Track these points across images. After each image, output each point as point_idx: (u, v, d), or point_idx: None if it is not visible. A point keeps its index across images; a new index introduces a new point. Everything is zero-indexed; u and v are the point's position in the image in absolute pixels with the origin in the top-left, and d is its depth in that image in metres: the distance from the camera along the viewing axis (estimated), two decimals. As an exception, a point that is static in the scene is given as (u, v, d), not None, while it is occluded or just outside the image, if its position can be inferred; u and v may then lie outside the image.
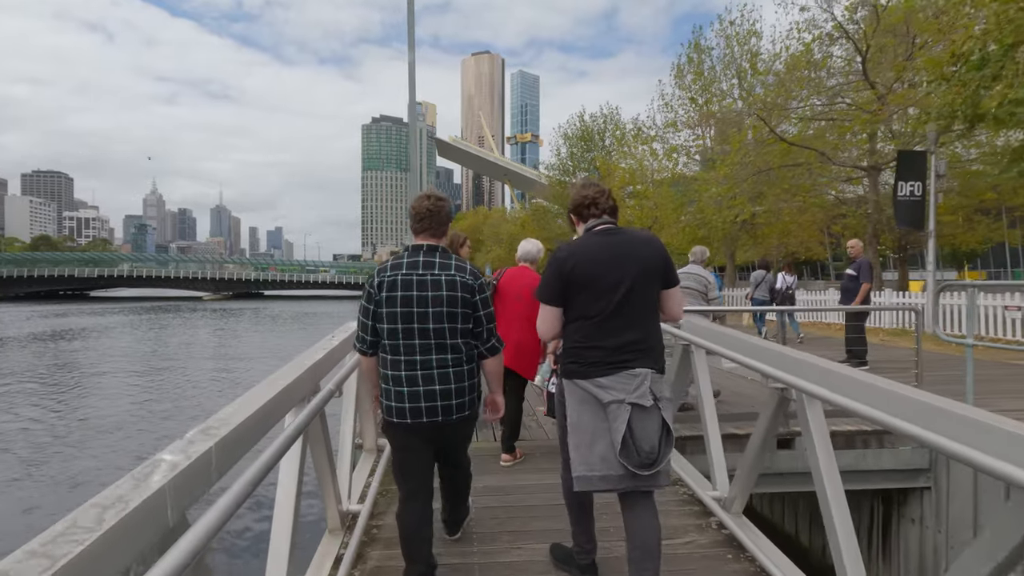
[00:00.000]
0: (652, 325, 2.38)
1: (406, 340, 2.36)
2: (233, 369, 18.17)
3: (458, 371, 2.41)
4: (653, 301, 2.38)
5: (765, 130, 16.30)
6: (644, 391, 2.22)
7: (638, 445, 2.17)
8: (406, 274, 2.39)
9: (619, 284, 2.27)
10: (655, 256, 2.36)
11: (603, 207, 2.44)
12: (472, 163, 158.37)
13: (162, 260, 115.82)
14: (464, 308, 2.41)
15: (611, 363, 2.26)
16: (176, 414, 12.32)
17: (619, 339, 2.28)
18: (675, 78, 25.40)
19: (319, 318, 43.88)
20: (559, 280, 2.33)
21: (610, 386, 2.23)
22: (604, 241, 2.36)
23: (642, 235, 2.46)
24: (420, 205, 2.51)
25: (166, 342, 26.71)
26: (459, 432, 2.56)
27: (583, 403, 2.29)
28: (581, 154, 39.63)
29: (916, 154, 11.91)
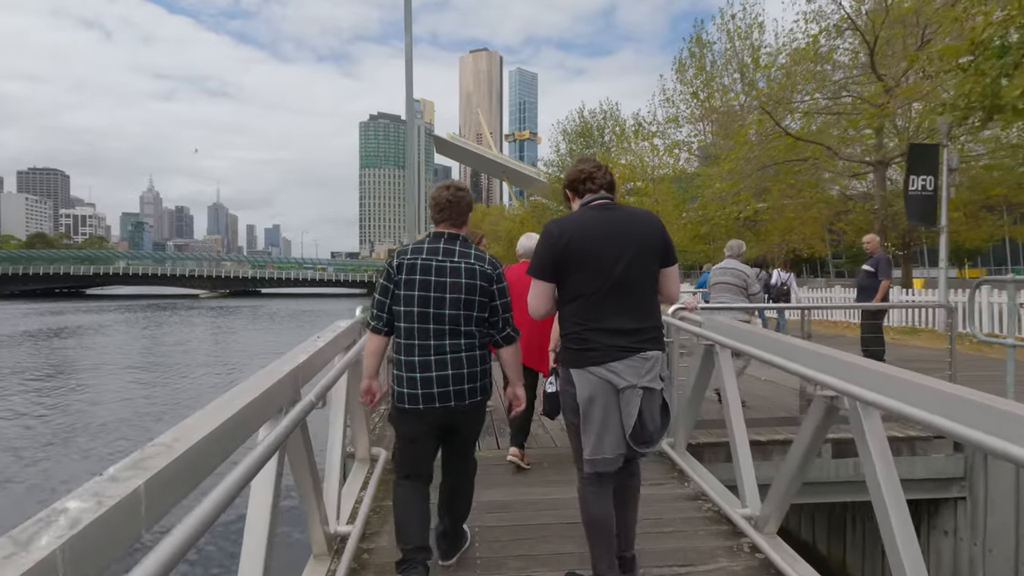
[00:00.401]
0: (653, 304, 2.35)
1: (421, 324, 2.35)
2: (226, 368, 17.83)
3: (471, 356, 2.40)
4: (652, 279, 2.33)
5: (769, 125, 15.96)
6: (655, 375, 2.23)
7: (645, 426, 2.23)
8: (426, 259, 2.38)
9: (617, 261, 2.21)
10: (654, 233, 2.30)
11: (600, 182, 2.36)
12: (470, 160, 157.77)
13: (159, 258, 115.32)
14: (481, 296, 2.40)
15: (621, 347, 2.20)
16: (166, 413, 11.98)
17: (621, 319, 2.22)
18: (676, 72, 25.08)
19: (316, 316, 43.47)
20: (550, 255, 2.25)
21: (623, 371, 2.19)
22: (600, 216, 2.29)
23: (640, 212, 2.40)
24: (440, 195, 2.48)
25: (161, 340, 26.35)
26: (470, 418, 2.51)
27: (595, 391, 2.22)
28: (580, 151, 39.25)
29: (928, 147, 11.58)
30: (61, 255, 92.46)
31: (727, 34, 21.96)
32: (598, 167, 2.41)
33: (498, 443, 4.68)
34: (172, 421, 1.41)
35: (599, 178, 2.37)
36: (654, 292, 2.36)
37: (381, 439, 4.49)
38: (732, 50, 21.94)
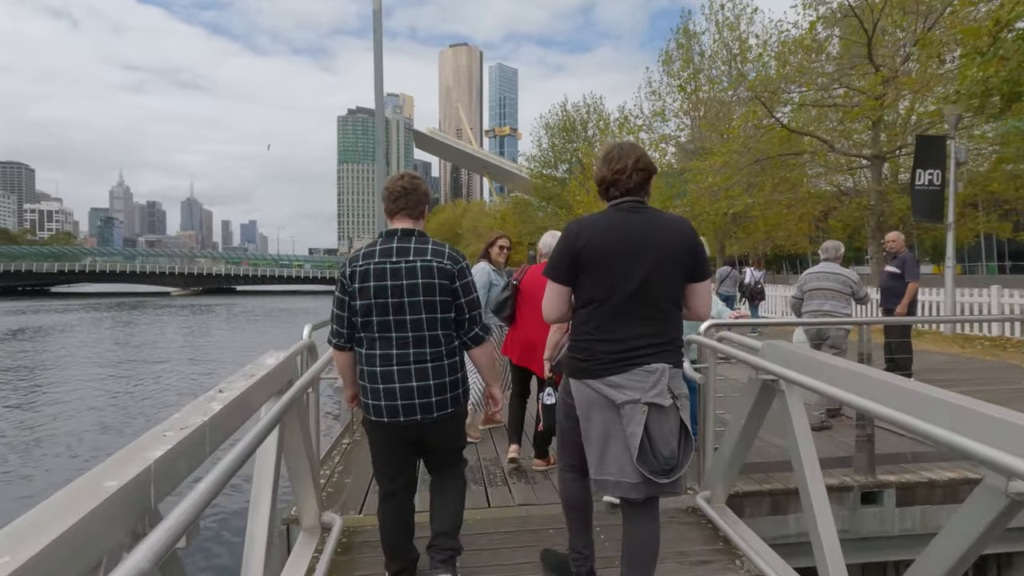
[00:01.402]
0: (672, 320, 2.13)
1: (381, 333, 2.21)
2: (190, 374, 16.66)
3: (437, 366, 2.23)
4: (675, 293, 2.12)
5: (763, 114, 15.30)
6: (662, 389, 2.01)
7: (656, 449, 1.97)
8: (379, 262, 2.21)
9: (632, 268, 2.04)
10: (680, 242, 2.09)
11: (624, 187, 2.14)
12: (450, 155, 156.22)
13: (129, 254, 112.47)
14: (443, 296, 2.22)
15: (624, 359, 2.02)
16: (121, 427, 10.87)
17: (632, 331, 2.05)
18: (663, 64, 24.42)
19: (294, 315, 42.16)
20: (567, 256, 2.10)
21: (623, 385, 2.01)
22: (622, 219, 2.11)
23: (670, 218, 2.18)
24: (394, 185, 2.32)
25: (124, 342, 24.88)
26: (444, 431, 2.33)
27: (592, 406, 2.07)
28: (563, 145, 38.47)
29: (935, 139, 10.99)
30: (24, 252, 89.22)
31: (716, 25, 21.35)
32: (621, 170, 2.13)
33: (488, 498, 3.63)
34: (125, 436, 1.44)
35: (623, 184, 2.13)
36: (675, 306, 2.14)
37: (336, 498, 3.59)
38: (720, 41, 21.34)
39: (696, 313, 2.23)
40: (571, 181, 34.53)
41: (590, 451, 2.09)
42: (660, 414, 2.00)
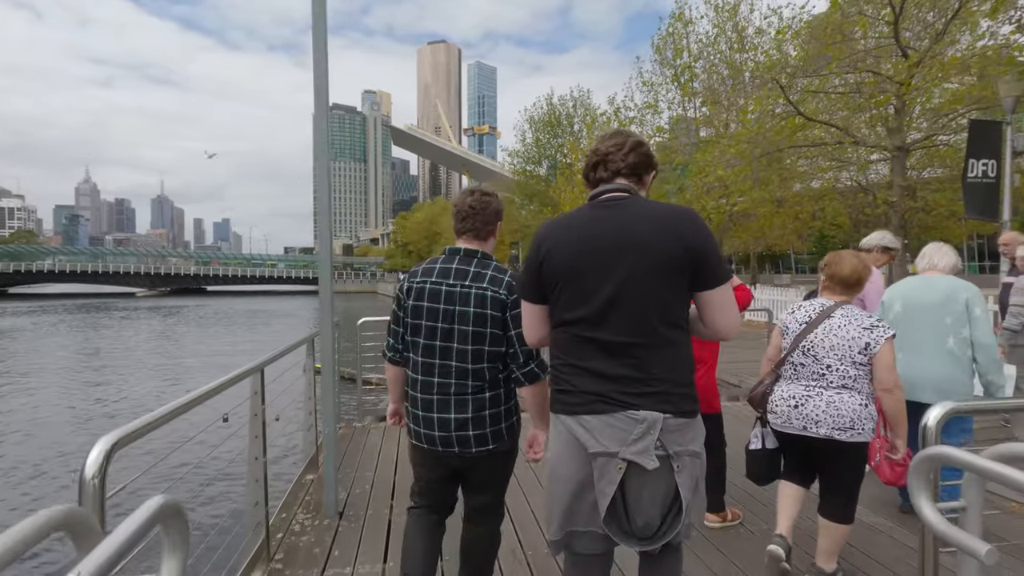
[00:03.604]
0: (671, 348, 1.58)
1: (426, 359, 2.09)
2: (119, 395, 14.72)
3: (479, 399, 2.06)
4: (671, 312, 1.58)
5: (776, 103, 13.96)
6: (646, 446, 1.53)
7: (631, 515, 1.57)
8: (435, 283, 2.08)
9: (605, 280, 1.59)
10: (669, 242, 1.55)
11: (615, 167, 1.70)
12: (429, 152, 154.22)
13: (95, 253, 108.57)
14: (493, 328, 2.03)
15: (602, 397, 1.57)
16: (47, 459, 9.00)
17: (608, 363, 1.59)
18: (656, 53, 23.10)
19: (270, 317, 40.15)
20: (532, 267, 1.72)
21: (598, 430, 1.57)
22: (596, 216, 1.65)
23: (659, 210, 1.60)
24: (462, 203, 2.14)
25: (72, 347, 22.64)
26: (481, 468, 2.13)
27: (566, 446, 1.64)
28: (548, 140, 37.03)
29: (990, 124, 9.71)
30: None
31: (715, 10, 20.09)
32: (619, 144, 1.70)
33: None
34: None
35: (615, 161, 1.69)
36: (674, 329, 1.58)
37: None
38: (720, 27, 20.08)
39: (715, 330, 1.66)
40: (557, 177, 33.11)
41: (553, 504, 1.66)
42: (643, 476, 1.54)
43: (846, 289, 2.56)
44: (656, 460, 1.53)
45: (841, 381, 2.42)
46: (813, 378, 2.48)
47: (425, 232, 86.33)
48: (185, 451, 5.62)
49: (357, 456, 4.52)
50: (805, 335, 2.51)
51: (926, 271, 3.33)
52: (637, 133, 1.80)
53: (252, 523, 2.70)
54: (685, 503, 1.58)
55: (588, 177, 1.78)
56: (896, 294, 3.36)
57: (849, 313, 2.48)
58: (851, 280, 2.53)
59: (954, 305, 3.11)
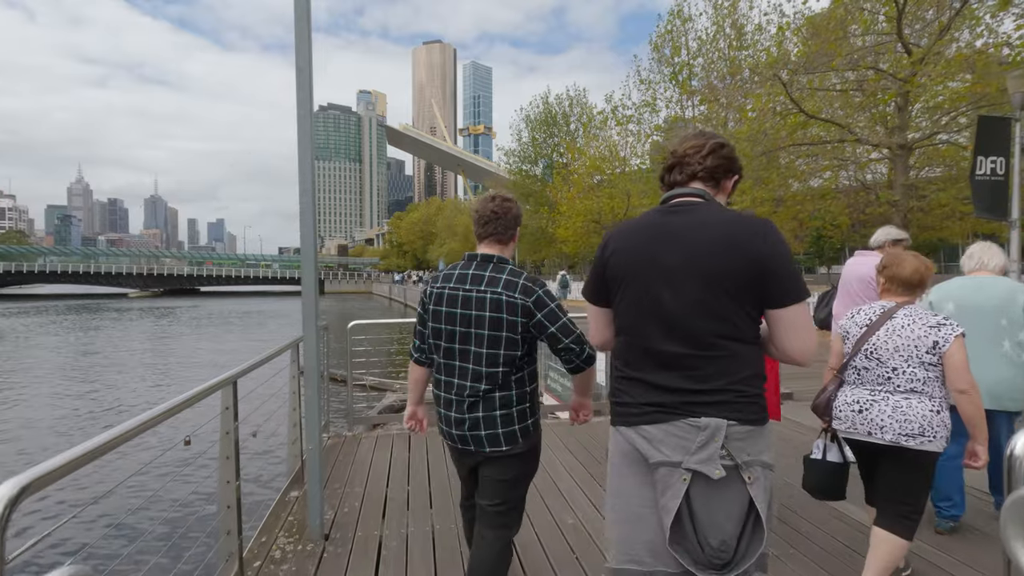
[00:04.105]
0: (729, 360, 1.47)
1: (447, 360, 2.15)
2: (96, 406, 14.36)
3: (491, 400, 2.08)
4: (727, 325, 1.47)
5: (777, 101, 13.74)
6: (711, 454, 1.42)
7: (701, 534, 1.42)
8: (454, 288, 2.12)
9: (662, 289, 1.52)
10: (732, 249, 1.45)
11: (691, 171, 1.62)
12: (424, 152, 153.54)
13: (87, 254, 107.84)
14: (509, 332, 2.04)
15: (662, 405, 1.50)
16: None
17: (666, 373, 1.51)
18: (654, 51, 22.90)
19: (264, 317, 39.67)
20: (596, 269, 1.70)
21: (659, 439, 1.49)
22: (662, 221, 1.58)
23: (726, 219, 1.49)
24: (484, 208, 2.18)
25: (54, 349, 22.22)
26: (495, 469, 2.14)
27: (626, 459, 1.58)
28: (544, 140, 36.78)
29: (999, 121, 9.48)
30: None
31: (714, 7, 19.89)
32: (699, 147, 1.61)
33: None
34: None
35: (692, 163, 1.61)
36: (731, 341, 1.47)
37: None
38: (719, 25, 19.89)
39: (784, 352, 1.52)
40: (554, 176, 32.85)
41: (617, 523, 1.57)
42: (710, 488, 1.42)
43: (908, 290, 2.44)
44: (723, 469, 1.43)
45: (909, 384, 2.29)
46: (878, 382, 2.37)
47: (420, 232, 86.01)
48: (139, 482, 5.24)
49: (346, 469, 4.23)
50: (867, 338, 2.40)
51: (975, 271, 3.13)
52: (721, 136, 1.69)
53: (224, 554, 2.42)
54: (763, 517, 1.44)
55: (663, 179, 1.71)
56: (946, 295, 3.14)
57: (913, 312, 2.35)
58: (913, 280, 2.42)
59: (1011, 307, 2.92)
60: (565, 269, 36.94)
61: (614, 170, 28.51)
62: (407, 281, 59.46)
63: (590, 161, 28.95)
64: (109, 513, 5.27)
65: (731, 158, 1.64)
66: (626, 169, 28.42)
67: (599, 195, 27.75)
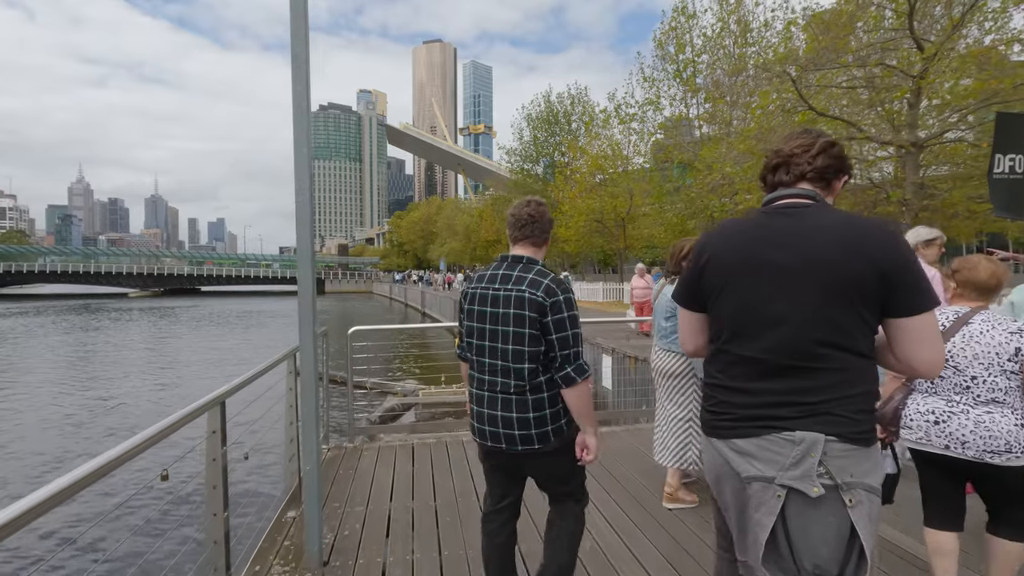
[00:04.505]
0: (836, 371, 1.38)
1: (478, 357, 2.21)
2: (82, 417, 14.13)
3: (521, 400, 2.10)
4: (839, 334, 1.38)
5: (785, 98, 13.48)
6: (806, 470, 1.34)
7: (797, 556, 1.35)
8: (485, 287, 2.20)
9: (767, 295, 1.43)
10: (850, 255, 1.37)
11: (799, 171, 1.54)
12: (424, 152, 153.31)
13: (87, 253, 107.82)
14: (531, 329, 2.06)
15: (756, 417, 1.42)
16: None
17: (765, 383, 1.43)
18: (657, 48, 22.62)
19: (264, 318, 39.43)
20: (691, 274, 1.62)
21: (751, 453, 1.42)
22: (769, 224, 1.48)
23: (842, 221, 1.42)
24: (520, 212, 2.22)
25: (57, 352, 22.00)
26: (538, 468, 2.19)
27: (719, 472, 1.52)
28: (545, 139, 36.49)
29: (1018, 117, 9.19)
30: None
31: (719, 3, 19.61)
32: (807, 146, 1.53)
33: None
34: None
35: (800, 163, 1.53)
36: (841, 352, 1.38)
37: None
38: (724, 22, 19.62)
39: (909, 364, 1.41)
40: (555, 175, 32.59)
41: (731, 523, 1.53)
42: (807, 506, 1.34)
43: (983, 295, 2.30)
44: (821, 488, 1.35)
45: (990, 395, 2.16)
46: (956, 391, 2.24)
47: (421, 232, 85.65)
48: (117, 518, 5.01)
49: (347, 485, 3.99)
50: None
51: None
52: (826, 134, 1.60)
53: (211, 593, 2.18)
54: (868, 547, 1.34)
55: (765, 180, 1.63)
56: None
57: (991, 318, 2.21)
58: (990, 284, 2.28)
59: None
60: (567, 269, 36.69)
61: (616, 169, 28.24)
62: (407, 280, 59.16)
63: (592, 160, 28.68)
64: (86, 552, 5.01)
65: (841, 157, 1.56)
66: (628, 168, 28.15)
67: (601, 194, 27.47)
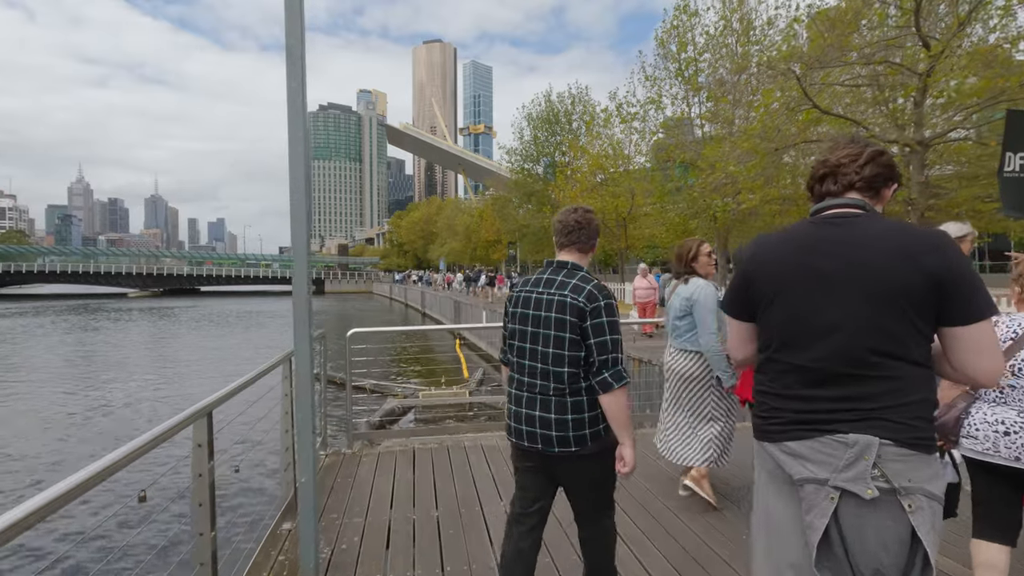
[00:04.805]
0: (890, 379, 1.37)
1: (519, 359, 2.24)
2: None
3: (560, 401, 2.11)
4: (891, 342, 1.37)
5: (790, 96, 13.34)
6: (860, 472, 1.33)
7: (854, 561, 1.33)
8: (529, 291, 2.25)
9: (817, 304, 1.44)
10: (902, 263, 1.36)
11: (848, 180, 1.53)
12: (425, 152, 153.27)
13: (87, 254, 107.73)
14: (572, 334, 2.09)
15: (808, 421, 1.43)
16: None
17: (818, 391, 1.43)
18: (659, 46, 22.48)
19: (264, 318, 39.25)
20: (738, 283, 1.63)
21: (803, 455, 1.42)
22: (818, 234, 1.49)
23: (893, 229, 1.43)
24: (568, 218, 2.26)
25: (53, 352, 21.85)
26: (571, 472, 2.17)
27: (770, 475, 1.53)
28: (546, 139, 36.34)
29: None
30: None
31: (722, 1, 19.48)
32: (854, 155, 1.52)
33: None
34: None
35: (848, 172, 1.52)
36: (893, 360, 1.37)
37: None
38: (727, 20, 19.49)
39: (966, 374, 1.40)
40: (556, 175, 32.45)
41: (756, 546, 1.56)
42: (862, 509, 1.33)
43: None
44: (875, 490, 1.34)
45: None
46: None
47: (421, 232, 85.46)
48: (97, 538, 4.86)
49: (346, 494, 3.84)
50: (1013, 353, 2.16)
51: None
52: (866, 139, 1.60)
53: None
54: (932, 555, 1.30)
55: (812, 190, 1.62)
56: None
57: None
58: None
59: None
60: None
61: (617, 168, 28.11)
62: (407, 281, 58.98)
63: (593, 159, 28.55)
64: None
65: (890, 165, 1.55)
66: (630, 167, 28.02)
67: (602, 194, 27.34)
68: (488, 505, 3.62)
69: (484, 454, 4.59)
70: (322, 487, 3.95)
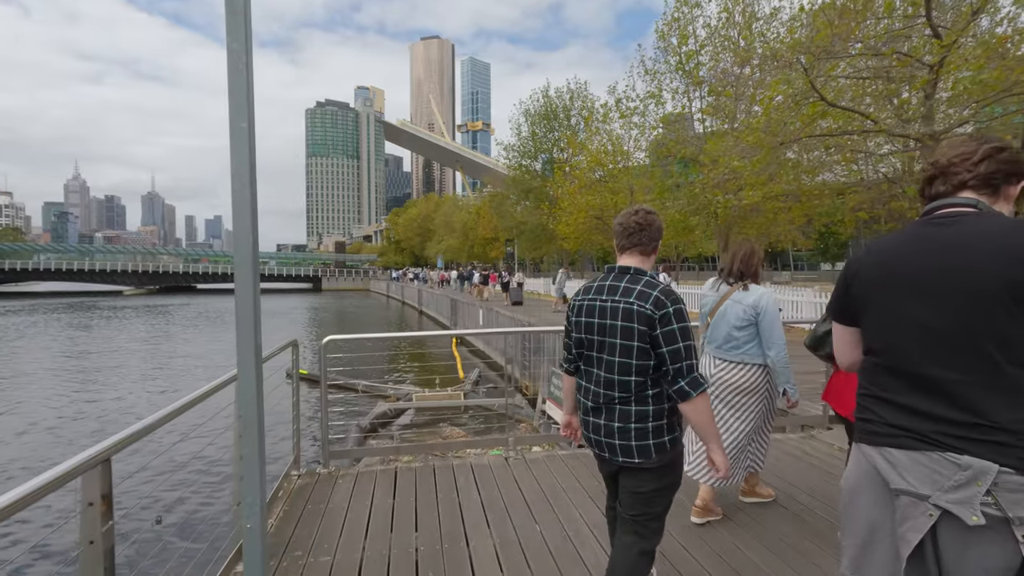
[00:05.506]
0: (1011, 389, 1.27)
1: (586, 367, 2.23)
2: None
3: (625, 411, 2.08)
4: (1003, 348, 1.28)
5: (796, 88, 12.92)
6: (969, 497, 1.26)
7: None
8: (592, 299, 2.21)
9: (919, 306, 1.40)
10: (1008, 261, 1.29)
11: (958, 180, 1.48)
12: (422, 148, 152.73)
13: (83, 251, 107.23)
14: (640, 343, 2.02)
15: (914, 433, 1.37)
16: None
17: (922, 398, 1.37)
18: (660, 39, 22.05)
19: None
20: (841, 287, 1.65)
21: (906, 466, 1.37)
22: (921, 235, 1.46)
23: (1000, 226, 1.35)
24: (628, 220, 2.21)
25: (32, 351, 21.38)
26: (630, 481, 2.12)
27: (865, 477, 1.49)
28: (544, 135, 35.87)
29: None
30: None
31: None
32: (966, 155, 1.47)
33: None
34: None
35: (959, 171, 1.48)
36: (1011, 366, 1.27)
37: None
38: (729, 12, 19.07)
39: None
40: (554, 171, 31.99)
41: (846, 537, 1.54)
42: (966, 535, 1.26)
43: None
44: (981, 516, 1.25)
45: None
46: None
47: (418, 229, 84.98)
48: None
49: (315, 525, 3.42)
50: None
51: None
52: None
53: None
54: None
55: (923, 192, 1.61)
56: None
57: None
58: None
59: None
60: (565, 266, 36.10)
61: (616, 164, 27.70)
62: (404, 278, 58.51)
63: (591, 156, 28.13)
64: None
65: (1014, 161, 1.47)
66: (629, 163, 27.61)
67: (601, 190, 26.94)
68: (475, 539, 3.20)
69: (474, 475, 4.16)
70: (290, 516, 3.53)
